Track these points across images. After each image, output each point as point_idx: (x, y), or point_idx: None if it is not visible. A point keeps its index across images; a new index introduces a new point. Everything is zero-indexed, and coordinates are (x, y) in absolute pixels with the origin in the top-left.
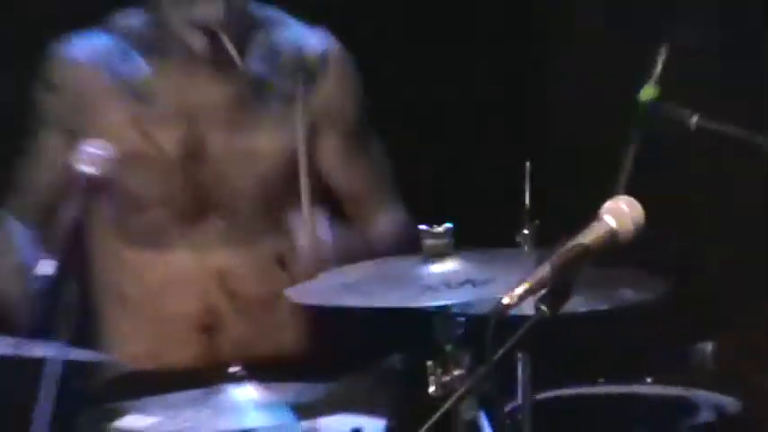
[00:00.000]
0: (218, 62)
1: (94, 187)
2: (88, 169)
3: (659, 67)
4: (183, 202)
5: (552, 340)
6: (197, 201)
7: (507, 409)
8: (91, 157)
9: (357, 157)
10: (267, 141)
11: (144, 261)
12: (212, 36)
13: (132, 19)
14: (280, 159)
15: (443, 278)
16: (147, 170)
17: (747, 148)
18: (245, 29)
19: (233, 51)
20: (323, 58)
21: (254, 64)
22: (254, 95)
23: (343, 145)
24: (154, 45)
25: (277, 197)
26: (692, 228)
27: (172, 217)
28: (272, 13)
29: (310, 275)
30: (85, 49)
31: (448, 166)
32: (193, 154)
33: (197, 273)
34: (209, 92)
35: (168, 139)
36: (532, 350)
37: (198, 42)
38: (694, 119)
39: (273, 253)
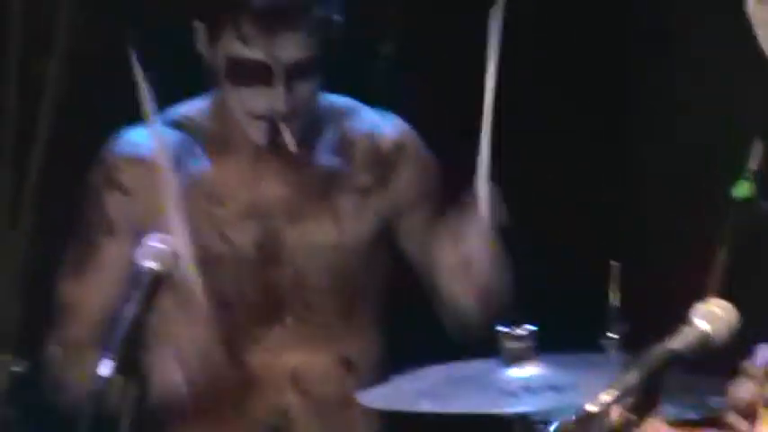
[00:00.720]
0: (284, 154)
1: (158, 283)
2: (152, 264)
3: (754, 163)
4: (258, 302)
5: None
6: (273, 300)
7: None
8: (154, 252)
9: (443, 242)
10: (342, 235)
11: (218, 367)
12: (273, 127)
13: (193, 110)
14: (355, 254)
15: (524, 383)
16: (222, 271)
17: None
18: (313, 120)
19: (290, 141)
20: (399, 148)
21: (325, 155)
22: (326, 188)
23: (428, 233)
24: (218, 139)
25: (350, 293)
26: None
27: (247, 317)
28: (343, 102)
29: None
30: (153, 146)
31: (531, 264)
32: (269, 253)
33: (270, 373)
34: (279, 186)
35: (242, 239)
36: None
37: (258, 133)
38: None
39: (345, 353)
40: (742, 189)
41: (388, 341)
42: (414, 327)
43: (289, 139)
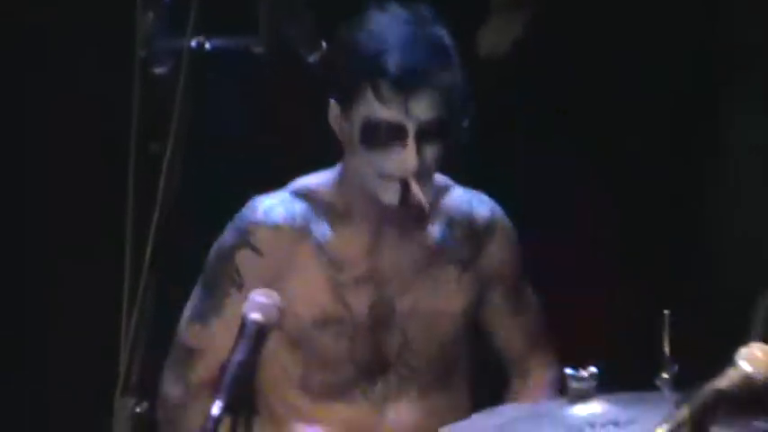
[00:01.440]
0: (401, 224)
1: (262, 334)
2: (256, 317)
3: None
4: (368, 361)
5: None
6: (381, 360)
7: None
8: (260, 305)
9: (519, 315)
10: (446, 305)
11: (323, 412)
12: (405, 186)
13: (316, 183)
14: (455, 322)
15: (587, 419)
16: (337, 332)
17: None
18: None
19: (421, 198)
20: (491, 225)
21: (431, 227)
22: (433, 259)
23: (507, 305)
24: (340, 210)
25: (449, 358)
26: None
27: (356, 374)
28: (440, 179)
29: None
30: (284, 214)
31: (592, 312)
32: (382, 317)
33: (372, 425)
34: (394, 256)
35: (359, 303)
36: None
37: (390, 194)
38: None
39: (439, 410)
40: None
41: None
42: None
43: (419, 197)
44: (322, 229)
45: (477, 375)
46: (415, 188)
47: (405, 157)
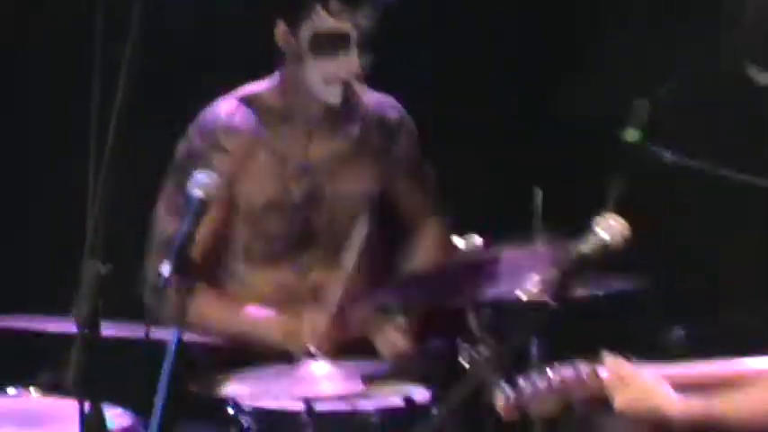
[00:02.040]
0: (332, 122)
1: (203, 208)
2: (199, 193)
3: (641, 116)
4: (299, 236)
5: (555, 326)
6: (310, 235)
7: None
8: (202, 183)
9: (418, 189)
10: (362, 188)
11: (259, 277)
12: (347, 88)
13: (260, 89)
14: (369, 202)
15: None
16: (279, 213)
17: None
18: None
19: (361, 97)
20: (400, 123)
21: (355, 125)
22: (356, 151)
23: (413, 183)
24: (282, 112)
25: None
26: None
27: (288, 247)
28: (357, 84)
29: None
30: (241, 119)
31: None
32: (314, 201)
33: (297, 287)
34: (326, 150)
35: (297, 190)
36: (542, 333)
37: (334, 96)
38: (668, 155)
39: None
40: (630, 134)
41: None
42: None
43: (359, 97)
44: (268, 130)
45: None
46: (357, 88)
47: (349, 62)
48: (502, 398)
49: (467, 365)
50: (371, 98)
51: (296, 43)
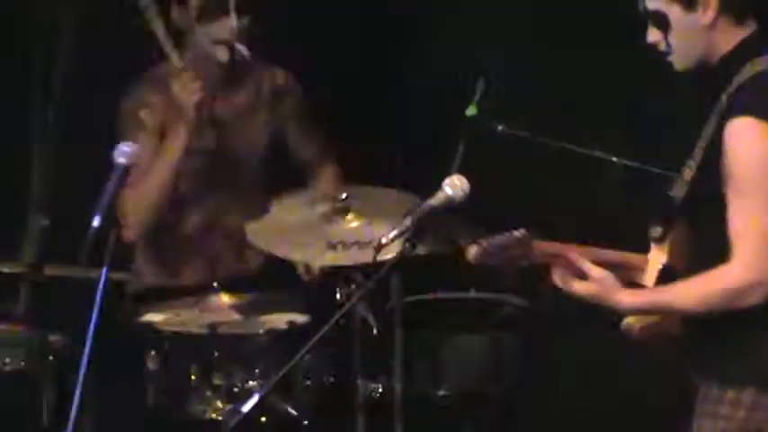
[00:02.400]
0: (233, 76)
1: (125, 172)
2: (122, 160)
3: (478, 93)
4: (209, 180)
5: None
6: (217, 179)
7: (386, 307)
8: (124, 152)
9: (309, 135)
10: (259, 139)
11: (176, 219)
12: (231, 47)
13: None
14: (264, 151)
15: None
16: (192, 160)
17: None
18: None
19: (246, 52)
20: (287, 84)
21: (250, 86)
22: (250, 106)
23: (301, 130)
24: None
25: (257, 177)
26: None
27: (202, 190)
28: (248, 54)
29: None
30: (160, 85)
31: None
32: (220, 149)
33: (210, 227)
34: (227, 106)
35: (206, 140)
36: (400, 271)
37: (222, 54)
38: (500, 127)
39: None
40: (471, 109)
41: None
42: None
43: (242, 53)
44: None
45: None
46: (239, 47)
47: (229, 24)
48: (474, 247)
49: (339, 297)
50: (263, 65)
51: (187, 17)
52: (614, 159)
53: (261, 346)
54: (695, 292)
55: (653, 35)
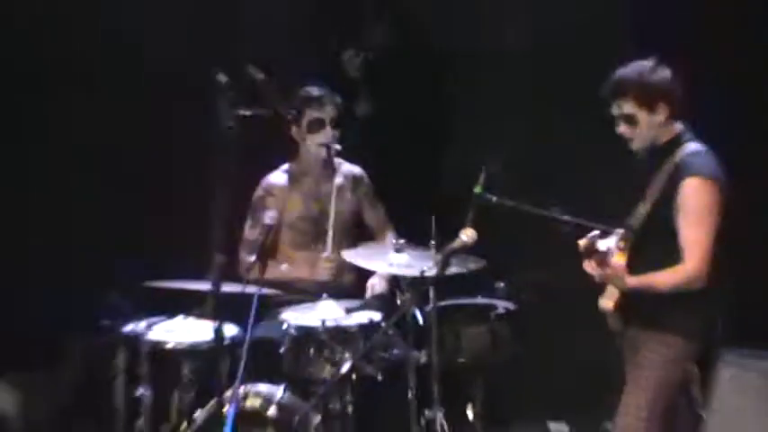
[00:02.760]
0: (330, 166)
1: (270, 229)
2: (268, 222)
3: (482, 178)
4: (317, 233)
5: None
6: (323, 232)
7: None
8: (269, 216)
9: (374, 208)
10: (347, 210)
11: (295, 255)
12: (327, 149)
13: (286, 167)
14: (353, 216)
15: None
16: (306, 222)
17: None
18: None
19: (336, 148)
20: (361, 175)
21: (339, 178)
22: (342, 189)
23: (371, 206)
24: (301, 171)
25: (343, 236)
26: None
27: (311, 239)
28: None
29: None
30: (281, 180)
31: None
32: (323, 215)
33: (316, 261)
34: (326, 189)
35: (314, 208)
36: (435, 285)
37: (322, 153)
38: (494, 199)
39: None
40: (479, 187)
41: None
42: None
43: (334, 150)
44: (295, 183)
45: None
46: (333, 146)
47: (327, 133)
48: (584, 240)
49: (400, 301)
50: (346, 161)
51: (301, 131)
52: (568, 218)
53: (353, 333)
54: (667, 279)
55: (623, 129)
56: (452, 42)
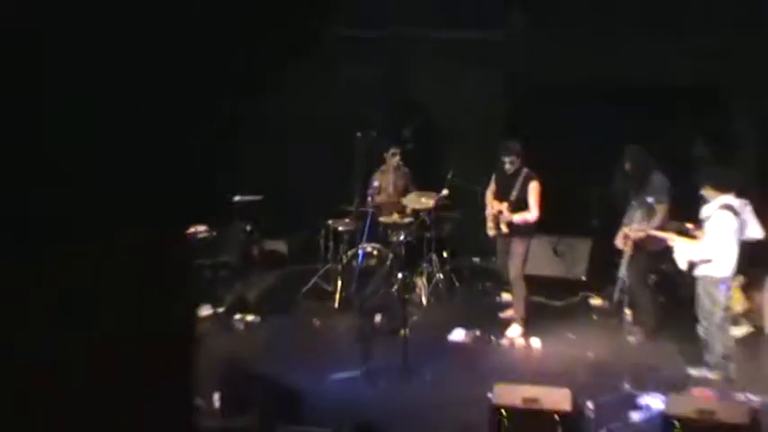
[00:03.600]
0: (400, 169)
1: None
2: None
3: (451, 174)
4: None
5: None
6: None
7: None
8: (372, 187)
9: (413, 183)
10: (402, 183)
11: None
12: (400, 156)
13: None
14: (403, 186)
15: None
16: (385, 201)
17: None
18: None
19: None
20: (405, 168)
21: (403, 169)
22: (398, 176)
23: (410, 182)
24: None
25: (403, 192)
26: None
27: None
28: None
29: None
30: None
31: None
32: (397, 201)
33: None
34: (399, 182)
35: (393, 196)
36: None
37: (397, 161)
38: (456, 181)
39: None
40: (451, 174)
41: None
42: None
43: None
44: (384, 174)
45: None
46: (398, 158)
47: (394, 152)
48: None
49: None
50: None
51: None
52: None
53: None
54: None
55: None
56: None
